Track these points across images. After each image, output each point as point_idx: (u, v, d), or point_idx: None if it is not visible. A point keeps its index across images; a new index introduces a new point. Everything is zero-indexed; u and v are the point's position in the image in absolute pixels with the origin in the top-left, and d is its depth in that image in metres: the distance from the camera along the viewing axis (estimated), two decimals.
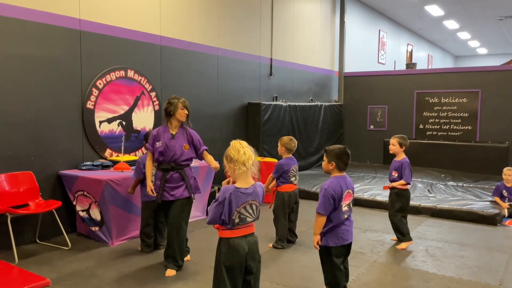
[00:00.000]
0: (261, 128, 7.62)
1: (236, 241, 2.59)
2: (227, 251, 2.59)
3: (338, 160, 3.18)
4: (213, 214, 2.59)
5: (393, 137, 4.95)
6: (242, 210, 2.57)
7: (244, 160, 2.55)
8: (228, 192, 2.55)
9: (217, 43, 7.03)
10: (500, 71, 8.85)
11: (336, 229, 3.14)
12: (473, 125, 8.98)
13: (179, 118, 3.92)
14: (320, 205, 3.11)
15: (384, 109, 9.96)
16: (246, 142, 2.67)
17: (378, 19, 13.34)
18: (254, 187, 2.63)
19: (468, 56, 24.49)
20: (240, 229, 2.60)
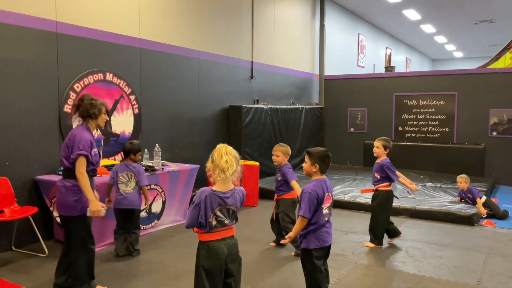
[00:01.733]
0: (242, 131, 7.61)
1: (215, 244, 2.58)
2: (207, 254, 2.57)
3: (322, 162, 3.19)
4: (190, 217, 2.58)
5: (377, 139, 5.01)
6: (218, 212, 2.55)
7: (224, 168, 2.53)
8: (204, 194, 2.54)
9: (198, 46, 6.99)
10: (475, 74, 9.06)
11: (316, 231, 3.14)
12: (450, 127, 9.16)
13: (100, 123, 3.50)
14: (304, 209, 3.10)
15: (364, 111, 10.08)
16: (232, 148, 2.64)
17: (357, 22, 13.51)
18: (232, 192, 2.61)
19: (445, 59, 25.03)
20: (219, 232, 2.59)
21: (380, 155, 4.93)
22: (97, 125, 3.50)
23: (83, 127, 3.41)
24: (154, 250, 4.67)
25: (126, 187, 4.44)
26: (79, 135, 3.29)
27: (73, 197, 3.29)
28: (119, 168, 4.49)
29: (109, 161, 5.42)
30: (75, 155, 3.23)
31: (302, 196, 3.16)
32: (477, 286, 3.78)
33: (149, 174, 5.20)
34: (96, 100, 3.46)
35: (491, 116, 8.68)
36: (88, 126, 3.44)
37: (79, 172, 3.23)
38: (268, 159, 8.33)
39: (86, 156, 3.26)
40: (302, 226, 3.13)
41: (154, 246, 4.79)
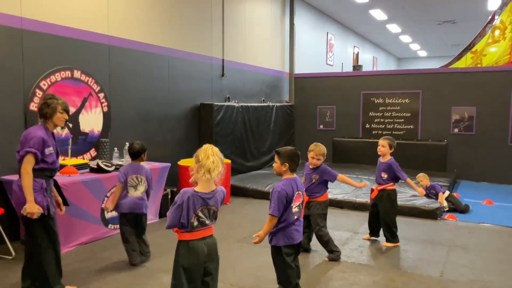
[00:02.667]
0: (214, 129, 7.62)
1: (196, 243, 2.59)
2: (186, 253, 2.59)
3: (291, 161, 3.24)
4: (172, 218, 2.57)
5: (383, 138, 4.98)
6: (200, 213, 2.57)
7: (210, 168, 2.53)
8: (186, 195, 2.54)
9: (168, 43, 6.94)
10: (438, 74, 9.40)
11: (286, 229, 3.21)
12: (415, 124, 9.48)
13: (56, 122, 3.37)
14: (273, 207, 3.15)
15: (332, 109, 10.28)
16: (217, 149, 2.64)
17: (326, 21, 13.72)
18: (214, 192, 2.63)
19: (410, 58, 25.76)
20: (199, 231, 2.61)
21: (385, 153, 4.91)
22: (55, 125, 3.37)
23: (40, 125, 3.34)
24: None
25: (135, 191, 4.17)
26: (32, 133, 3.21)
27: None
28: (129, 170, 4.19)
29: (78, 160, 5.33)
30: (23, 152, 3.16)
31: (271, 195, 3.21)
32: (440, 277, 3.96)
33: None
34: (54, 99, 3.34)
35: (453, 114, 9.05)
36: (46, 125, 3.34)
37: (24, 169, 3.14)
38: (239, 156, 8.41)
39: (34, 154, 3.16)
40: (272, 224, 3.20)
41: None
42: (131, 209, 4.13)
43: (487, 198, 7.06)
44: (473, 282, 3.86)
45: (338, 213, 6.24)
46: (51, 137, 3.35)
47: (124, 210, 4.13)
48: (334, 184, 7.59)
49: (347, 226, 5.62)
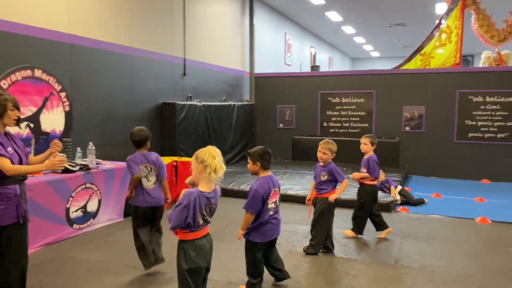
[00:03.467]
0: (176, 128, 7.68)
1: (201, 241, 2.69)
2: (194, 252, 2.67)
3: (262, 159, 3.42)
4: (177, 219, 2.59)
5: (364, 136, 5.16)
6: (205, 212, 2.67)
7: (217, 168, 2.62)
8: (193, 195, 2.60)
9: (130, 42, 6.93)
10: (390, 75, 9.93)
11: (262, 227, 3.38)
12: (369, 122, 9.96)
13: (7, 122, 2.98)
14: (249, 204, 3.32)
15: (292, 108, 10.59)
16: (219, 150, 2.72)
17: (284, 22, 14.04)
18: (215, 192, 2.73)
19: (364, 58, 26.73)
20: (201, 230, 2.70)
21: (367, 151, 5.08)
22: (5, 124, 2.97)
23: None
24: (93, 248, 4.65)
25: (148, 182, 3.85)
26: None
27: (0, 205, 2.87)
28: (138, 159, 3.88)
29: None
30: None
31: (248, 193, 3.38)
32: (395, 264, 4.29)
33: (84, 172, 5.14)
34: (1, 95, 2.97)
35: (404, 113, 9.59)
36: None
37: (8, 170, 2.82)
38: None
39: (3, 156, 2.84)
40: (248, 220, 3.36)
41: (92, 245, 4.76)
42: (145, 203, 3.83)
43: (436, 191, 7.60)
44: (424, 267, 4.22)
45: (299, 208, 6.50)
46: (5, 139, 2.97)
47: (138, 203, 3.84)
48: (295, 180, 7.91)
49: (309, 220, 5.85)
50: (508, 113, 8.81)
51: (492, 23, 9.59)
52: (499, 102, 8.87)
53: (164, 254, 4.03)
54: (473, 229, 5.53)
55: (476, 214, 6.12)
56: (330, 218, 4.53)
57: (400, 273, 4.09)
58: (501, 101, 8.86)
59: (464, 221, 5.90)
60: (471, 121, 9.08)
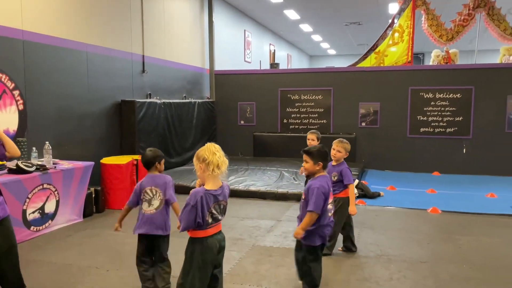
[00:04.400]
0: (136, 126, 7.57)
1: (210, 240, 2.68)
2: (202, 250, 2.66)
3: (324, 160, 3.33)
4: (187, 220, 2.59)
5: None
6: (213, 210, 2.65)
7: (219, 163, 2.61)
8: (199, 195, 2.59)
9: (86, 39, 6.76)
10: (347, 72, 10.24)
11: (323, 228, 3.26)
12: (327, 119, 10.24)
13: None
14: (314, 204, 3.17)
15: (252, 105, 10.68)
16: (219, 146, 2.70)
17: (243, 19, 14.10)
18: (222, 188, 2.72)
19: (321, 56, 27.27)
20: (212, 228, 2.69)
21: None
22: None
23: None
24: (52, 250, 4.54)
25: (149, 206, 3.43)
26: None
27: None
28: (145, 182, 3.48)
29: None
30: None
31: (310, 192, 3.22)
32: (353, 254, 4.48)
33: (41, 173, 4.99)
34: None
35: (360, 109, 9.94)
36: None
37: None
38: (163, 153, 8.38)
39: None
40: (311, 221, 3.19)
41: (51, 247, 4.65)
42: (139, 229, 3.43)
43: (391, 184, 7.95)
44: (380, 256, 4.44)
45: (262, 204, 6.62)
46: None
47: (136, 231, 3.45)
48: (257, 176, 8.01)
49: (271, 215, 6.01)
50: (456, 109, 9.33)
51: (441, 23, 10.09)
52: (448, 98, 9.38)
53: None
54: (425, 219, 5.86)
55: (428, 205, 6.47)
56: (343, 219, 4.42)
57: (358, 262, 4.28)
58: (450, 97, 9.37)
59: (417, 212, 6.23)
60: (422, 117, 9.55)
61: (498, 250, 4.65)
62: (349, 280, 3.88)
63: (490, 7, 9.68)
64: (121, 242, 4.83)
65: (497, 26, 9.75)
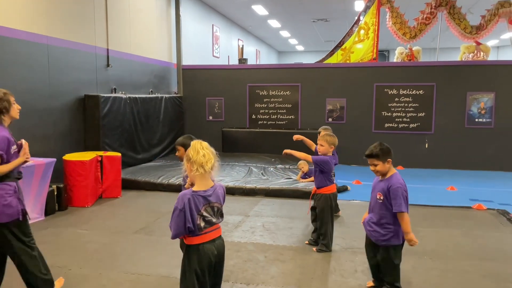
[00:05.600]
0: (100, 121, 7.38)
1: (206, 246, 2.52)
2: (198, 258, 2.50)
3: (392, 156, 3.33)
4: (176, 225, 2.44)
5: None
6: (204, 212, 2.49)
7: (202, 162, 2.45)
8: (186, 197, 2.44)
9: (47, 31, 6.52)
10: (314, 68, 10.35)
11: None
12: (295, 114, 10.32)
13: (14, 115, 3.18)
14: (402, 204, 3.14)
15: (221, 100, 10.64)
16: (207, 144, 2.56)
17: (211, 14, 13.98)
18: (214, 188, 2.54)
19: (289, 51, 27.47)
20: (208, 233, 2.52)
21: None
22: (12, 118, 3.18)
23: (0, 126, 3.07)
24: None
25: None
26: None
27: (2, 201, 2.97)
28: None
29: None
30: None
31: (393, 192, 3.19)
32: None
33: None
34: (1, 91, 3.13)
35: (327, 105, 10.07)
36: (1, 122, 3.10)
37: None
38: (129, 149, 8.28)
39: (0, 156, 2.96)
40: (408, 220, 3.15)
41: None
42: None
43: (357, 179, 8.12)
44: (345, 249, 4.53)
45: (230, 199, 6.61)
46: (10, 135, 3.09)
47: None
48: (225, 172, 7.99)
49: (239, 210, 6.01)
50: (419, 105, 9.62)
51: (405, 21, 10.35)
52: (411, 95, 9.64)
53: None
54: None
55: None
56: (329, 215, 4.43)
57: (324, 255, 4.35)
58: (413, 93, 9.64)
59: None
60: (387, 112, 9.79)
61: (457, 241, 4.84)
62: (314, 272, 3.94)
63: (451, 6, 10.01)
64: (84, 241, 4.71)
65: (457, 25, 10.09)
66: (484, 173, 9.04)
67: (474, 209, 6.18)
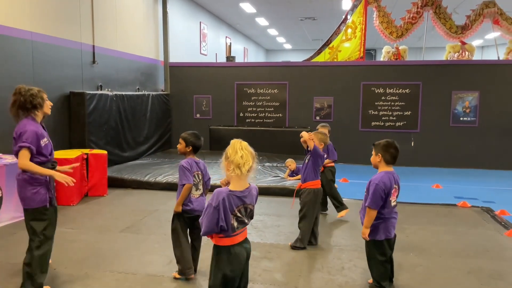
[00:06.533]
0: (86, 119, 7.29)
1: (237, 248, 2.47)
2: (228, 260, 2.45)
3: (385, 152, 3.28)
4: (208, 222, 2.37)
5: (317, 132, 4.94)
6: (238, 213, 2.43)
7: (239, 164, 2.39)
8: (222, 195, 2.38)
9: (31, 27, 6.41)
10: (302, 67, 10.38)
11: (386, 222, 3.25)
12: (283, 112, 10.34)
13: (46, 111, 3.43)
14: (371, 200, 3.18)
15: (208, 98, 10.59)
16: (247, 144, 2.49)
17: (198, 11, 13.90)
18: (249, 190, 2.49)
19: (277, 50, 27.48)
20: (237, 235, 2.48)
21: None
22: (44, 113, 3.42)
23: (29, 119, 3.30)
24: None
25: (196, 191, 3.63)
26: (22, 128, 3.22)
27: (31, 189, 3.24)
28: (193, 166, 3.61)
29: None
30: (17, 147, 3.19)
31: (370, 187, 3.22)
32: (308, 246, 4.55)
33: None
34: (34, 89, 3.37)
35: (315, 103, 10.11)
36: (33, 117, 3.33)
37: (22, 164, 3.16)
38: (116, 147, 8.20)
39: (28, 148, 3.17)
40: (371, 217, 3.19)
41: None
42: (192, 212, 3.60)
43: (344, 177, 8.16)
44: (332, 247, 4.56)
45: None
46: (42, 129, 3.35)
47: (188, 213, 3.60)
48: (213, 170, 7.95)
49: None
50: (405, 104, 9.71)
51: (391, 20, 10.43)
52: (398, 94, 9.73)
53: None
54: None
55: None
56: (313, 211, 4.45)
57: (311, 253, 4.37)
58: (399, 92, 9.73)
59: None
60: (373, 111, 9.86)
61: (442, 238, 4.90)
62: (301, 270, 3.95)
63: (437, 5, 10.11)
64: (70, 240, 4.65)
65: (443, 25, 10.21)
66: (469, 171, 9.18)
67: (459, 206, 6.27)
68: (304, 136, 4.41)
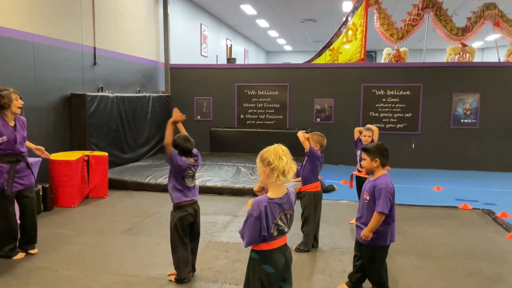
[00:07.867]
0: (87, 120, 7.28)
1: (274, 254, 2.37)
2: (268, 265, 2.36)
3: (382, 156, 3.24)
4: (251, 233, 2.26)
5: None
6: (279, 221, 2.34)
7: (285, 170, 2.28)
8: (263, 204, 2.26)
9: (32, 28, 6.41)
10: (302, 68, 10.38)
11: (390, 227, 3.22)
12: (283, 114, 10.34)
13: (15, 111, 3.94)
14: (383, 205, 3.10)
15: (209, 100, 10.60)
16: (286, 148, 2.39)
17: (199, 13, 13.92)
18: (287, 195, 2.39)
19: (277, 51, 27.50)
20: (276, 240, 2.37)
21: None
22: (13, 113, 3.94)
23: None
24: None
25: (192, 182, 3.69)
26: None
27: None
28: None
29: None
30: None
31: (377, 192, 3.16)
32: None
33: None
34: (4, 90, 3.83)
35: (315, 105, 10.11)
36: (2, 116, 3.90)
37: None
38: (116, 149, 8.20)
39: None
40: (379, 222, 3.12)
41: None
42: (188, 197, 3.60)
43: (344, 179, 8.16)
44: (334, 249, 4.56)
45: (219, 199, 6.59)
46: (7, 126, 3.89)
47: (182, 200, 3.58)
48: (213, 172, 7.96)
49: (227, 210, 6.00)
50: (406, 106, 9.71)
51: (392, 22, 10.44)
52: (398, 95, 9.74)
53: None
54: None
55: None
56: (314, 214, 4.44)
57: (312, 255, 4.37)
58: (400, 94, 9.73)
59: None
60: (374, 113, 9.86)
61: (443, 240, 4.90)
62: (303, 272, 3.95)
63: (437, 7, 10.12)
64: (70, 242, 4.65)
65: (444, 26, 10.21)
66: (470, 173, 9.18)
67: (460, 208, 6.27)
68: (300, 137, 4.31)
